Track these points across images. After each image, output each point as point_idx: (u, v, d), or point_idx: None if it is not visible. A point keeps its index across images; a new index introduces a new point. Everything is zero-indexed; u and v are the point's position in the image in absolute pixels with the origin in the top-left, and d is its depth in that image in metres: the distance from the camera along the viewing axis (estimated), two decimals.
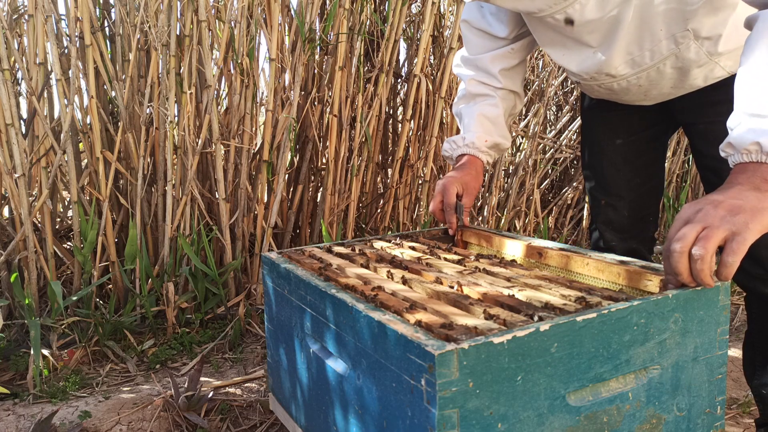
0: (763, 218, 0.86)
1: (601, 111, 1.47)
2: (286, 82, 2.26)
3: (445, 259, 1.27)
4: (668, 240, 0.89)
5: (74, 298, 1.89)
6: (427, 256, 1.27)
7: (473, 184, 1.44)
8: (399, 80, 2.67)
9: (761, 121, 0.89)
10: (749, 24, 0.99)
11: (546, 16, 1.20)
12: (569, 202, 3.25)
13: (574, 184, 3.20)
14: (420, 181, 2.67)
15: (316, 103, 2.35)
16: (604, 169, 1.49)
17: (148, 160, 2.10)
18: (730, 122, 0.94)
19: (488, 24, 1.41)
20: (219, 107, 2.20)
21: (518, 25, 1.41)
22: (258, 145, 2.30)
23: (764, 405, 1.32)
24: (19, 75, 2.05)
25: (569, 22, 1.19)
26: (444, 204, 1.42)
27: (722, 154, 0.95)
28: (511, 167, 3.12)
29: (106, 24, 2.10)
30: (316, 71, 2.34)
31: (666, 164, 3.45)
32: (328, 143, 2.35)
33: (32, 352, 1.66)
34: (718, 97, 1.23)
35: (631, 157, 1.45)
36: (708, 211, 0.86)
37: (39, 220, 2.07)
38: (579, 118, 3.18)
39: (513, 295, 0.99)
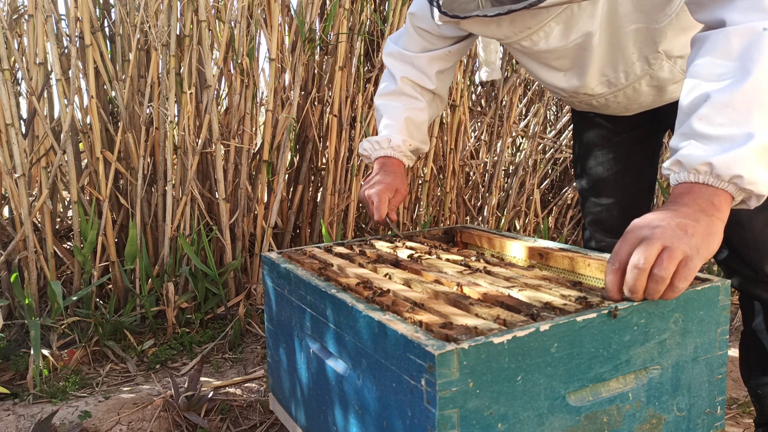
0: (711, 244, 0.82)
1: (591, 113, 1.47)
2: (286, 82, 2.26)
3: (446, 259, 1.27)
4: (619, 255, 0.85)
5: (74, 298, 1.89)
6: (427, 256, 1.27)
7: (402, 187, 1.42)
8: None
9: (712, 143, 0.85)
10: (695, 43, 0.94)
11: (512, 42, 1.20)
12: (569, 202, 3.25)
13: (574, 184, 3.20)
14: (420, 181, 2.67)
15: (316, 103, 2.35)
16: (593, 169, 1.49)
17: (148, 160, 2.10)
18: (677, 141, 0.90)
19: (436, 23, 1.38)
20: (219, 107, 2.20)
21: (455, 37, 1.40)
22: (258, 145, 2.30)
23: (761, 405, 1.32)
24: (19, 75, 2.05)
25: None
26: (377, 215, 1.39)
27: (665, 172, 0.91)
28: (511, 167, 3.12)
29: (106, 24, 2.10)
30: (316, 71, 2.34)
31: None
32: (328, 143, 2.35)
33: (32, 352, 1.66)
34: None
35: (620, 156, 1.45)
36: (666, 230, 0.81)
37: (39, 220, 2.07)
38: None
39: (512, 296, 0.99)
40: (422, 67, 1.43)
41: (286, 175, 2.31)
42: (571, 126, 3.18)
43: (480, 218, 2.90)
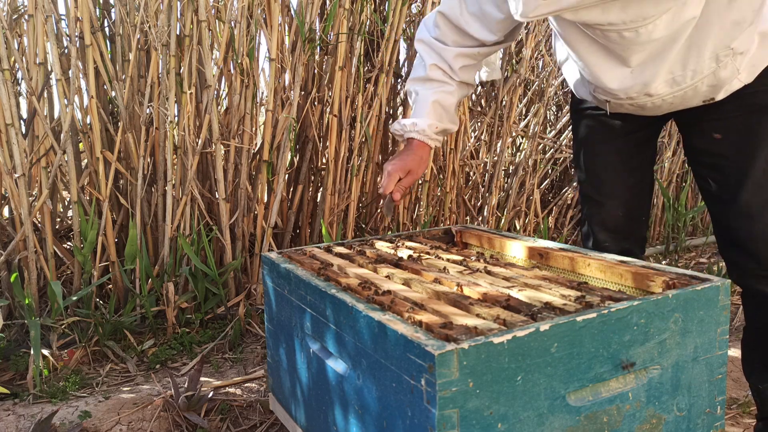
0: None
1: (594, 112, 1.46)
2: (286, 82, 2.26)
3: (446, 259, 1.27)
4: None
5: (74, 298, 1.88)
6: (428, 256, 1.27)
7: (417, 170, 1.46)
8: (399, 80, 2.67)
9: None
10: None
11: (608, 30, 1.15)
12: (569, 202, 3.25)
13: (574, 184, 3.20)
14: (420, 181, 2.67)
15: (316, 103, 2.35)
16: (598, 169, 1.48)
17: (148, 160, 2.10)
18: None
19: (465, 23, 1.39)
20: (219, 107, 2.20)
21: (503, 34, 1.39)
22: (258, 145, 2.30)
23: (762, 401, 1.33)
24: (19, 75, 2.05)
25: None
26: (382, 190, 1.45)
27: None
28: (511, 167, 3.12)
29: (106, 24, 2.10)
30: (316, 71, 2.34)
31: (666, 164, 3.45)
32: (328, 143, 2.35)
33: (32, 352, 1.66)
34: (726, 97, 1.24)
35: (626, 158, 1.45)
36: None
37: (39, 220, 2.07)
38: None
39: (512, 296, 0.99)
40: (449, 59, 1.43)
41: (286, 175, 2.31)
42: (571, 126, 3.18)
43: (480, 218, 2.90)
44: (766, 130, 1.23)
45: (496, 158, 2.87)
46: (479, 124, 2.97)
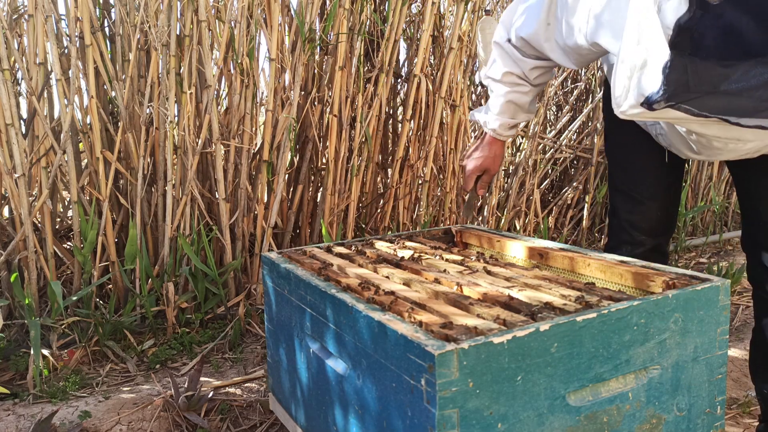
0: None
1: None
2: (286, 82, 2.26)
3: (446, 259, 1.27)
4: None
5: (74, 298, 1.88)
6: (428, 256, 1.27)
7: (493, 166, 1.55)
8: (399, 80, 2.67)
9: None
10: None
11: (712, 138, 1.12)
12: (569, 202, 3.25)
13: (574, 184, 3.20)
14: (420, 181, 2.67)
15: (316, 103, 2.35)
16: (637, 169, 1.46)
17: (148, 160, 2.10)
18: None
19: (550, 49, 1.31)
20: (219, 107, 2.20)
21: (587, 63, 1.36)
22: (258, 145, 2.30)
23: (765, 403, 1.33)
24: (19, 75, 2.05)
25: None
26: (464, 188, 1.58)
27: None
28: (511, 167, 3.12)
29: (106, 24, 2.10)
30: (316, 71, 2.34)
31: None
32: (328, 143, 2.35)
33: (32, 352, 1.66)
34: None
35: (664, 157, 1.42)
36: None
37: (39, 220, 2.07)
38: (579, 117, 3.18)
39: (512, 296, 0.99)
40: (525, 70, 1.41)
41: (286, 175, 2.31)
42: (571, 126, 3.18)
43: (480, 218, 2.90)
44: None
45: None
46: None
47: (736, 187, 1.35)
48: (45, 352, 1.75)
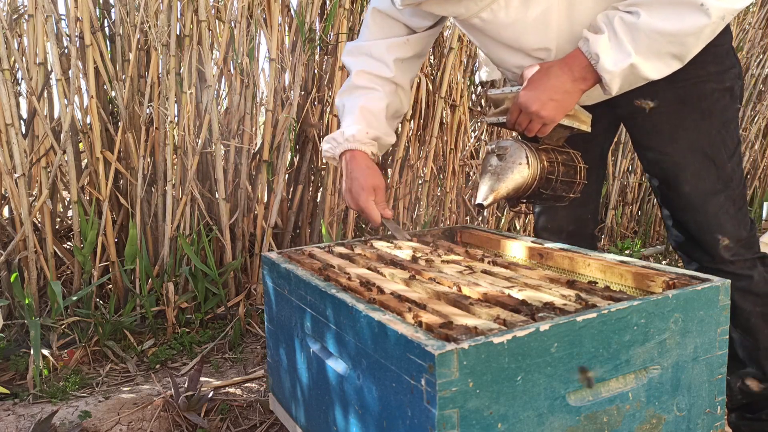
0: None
1: None
2: (286, 82, 2.26)
3: (446, 259, 1.27)
4: None
5: (74, 298, 1.88)
6: (428, 256, 1.27)
7: (379, 183, 1.36)
8: None
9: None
10: None
11: (471, 17, 1.20)
12: None
13: None
14: (420, 181, 2.67)
15: (316, 103, 2.35)
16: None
17: (148, 160, 2.10)
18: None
19: (401, 13, 1.37)
20: (219, 107, 2.20)
21: (435, 19, 1.39)
22: (258, 145, 2.30)
23: (730, 391, 1.34)
24: (19, 75, 2.05)
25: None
26: (374, 224, 1.37)
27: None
28: None
29: (106, 24, 2.10)
30: (316, 71, 2.34)
31: None
32: None
33: (32, 352, 1.66)
34: (649, 90, 1.25)
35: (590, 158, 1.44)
36: None
37: (39, 220, 2.07)
38: None
39: (512, 296, 0.99)
40: (379, 55, 1.39)
41: (286, 175, 2.31)
42: None
43: (480, 218, 2.90)
44: (697, 119, 1.25)
45: None
46: (479, 124, 2.97)
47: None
48: (45, 352, 1.75)
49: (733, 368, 1.31)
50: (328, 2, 2.31)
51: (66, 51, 2.03)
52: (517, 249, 1.33)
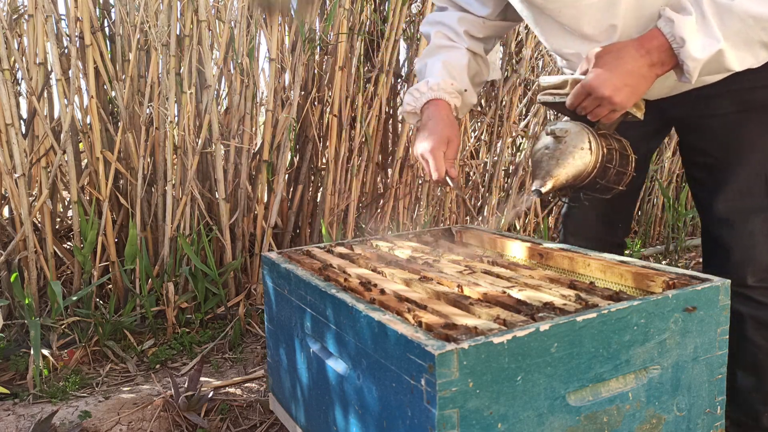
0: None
1: None
2: (286, 82, 2.26)
3: (446, 259, 1.27)
4: None
5: (74, 298, 1.88)
6: (428, 256, 1.27)
7: (453, 135, 1.27)
8: (399, 80, 2.67)
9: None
10: None
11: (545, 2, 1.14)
12: None
13: None
14: (420, 181, 2.67)
15: (316, 103, 2.35)
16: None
17: (148, 160, 2.09)
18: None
19: (467, 2, 1.34)
20: (219, 107, 2.20)
21: (498, 6, 1.34)
22: (258, 145, 2.30)
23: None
24: (19, 75, 2.05)
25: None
26: (436, 175, 1.29)
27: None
28: (511, 167, 3.12)
29: (106, 24, 2.10)
30: (316, 71, 2.34)
31: (666, 164, 3.45)
32: (328, 143, 2.35)
33: (32, 352, 1.66)
34: (711, 91, 1.19)
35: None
36: None
37: (39, 220, 2.07)
38: None
39: (512, 296, 0.99)
40: (451, 24, 1.35)
41: (286, 175, 2.31)
42: None
43: (480, 218, 2.90)
44: (758, 130, 1.17)
45: (496, 158, 2.87)
46: (479, 124, 2.97)
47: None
48: (45, 352, 1.75)
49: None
50: (328, 2, 2.31)
51: (66, 51, 2.03)
52: (517, 249, 1.33)
